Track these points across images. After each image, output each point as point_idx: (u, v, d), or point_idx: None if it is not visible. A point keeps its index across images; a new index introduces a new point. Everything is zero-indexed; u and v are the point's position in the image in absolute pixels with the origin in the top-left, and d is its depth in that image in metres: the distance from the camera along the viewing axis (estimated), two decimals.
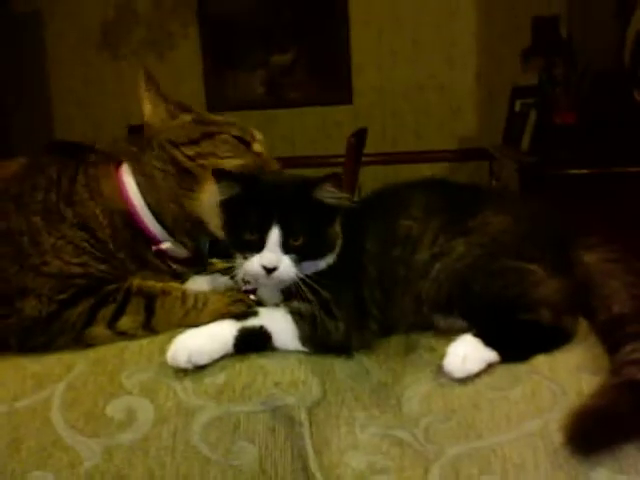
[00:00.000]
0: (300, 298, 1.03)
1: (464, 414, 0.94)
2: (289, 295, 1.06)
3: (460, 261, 1.04)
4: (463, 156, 4.72)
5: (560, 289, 1.03)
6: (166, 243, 1.21)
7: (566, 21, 4.17)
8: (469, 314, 1.05)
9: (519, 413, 0.92)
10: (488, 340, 0.98)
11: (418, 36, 4.69)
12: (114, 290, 1.11)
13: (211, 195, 1.13)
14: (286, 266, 1.01)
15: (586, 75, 3.31)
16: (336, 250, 1.06)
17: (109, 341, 1.08)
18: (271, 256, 1.01)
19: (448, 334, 1.03)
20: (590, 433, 0.87)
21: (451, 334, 1.02)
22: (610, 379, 0.92)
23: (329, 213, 1.05)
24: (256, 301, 1.13)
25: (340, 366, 1.03)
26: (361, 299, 1.07)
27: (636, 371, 0.90)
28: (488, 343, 0.98)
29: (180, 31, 4.88)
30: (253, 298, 1.13)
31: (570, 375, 0.96)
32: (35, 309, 1.09)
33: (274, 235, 1.00)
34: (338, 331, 1.03)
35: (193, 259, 1.26)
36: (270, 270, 1.01)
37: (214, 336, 1.01)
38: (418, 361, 1.04)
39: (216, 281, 1.22)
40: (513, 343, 1.00)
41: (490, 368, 0.98)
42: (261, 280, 1.05)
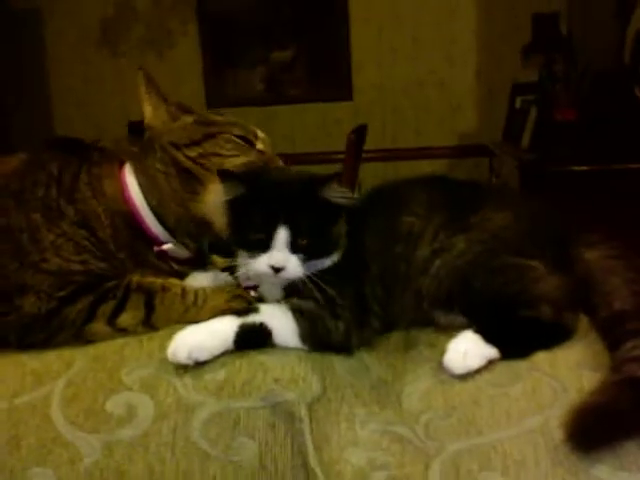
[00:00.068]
0: (303, 296, 1.03)
1: (464, 410, 0.94)
2: (291, 292, 1.06)
3: (461, 257, 1.04)
4: (463, 153, 4.72)
5: (560, 285, 1.03)
6: (168, 244, 1.20)
7: (566, 18, 4.16)
8: (469, 310, 1.05)
9: (519, 410, 0.92)
10: (488, 336, 0.98)
11: (418, 33, 4.68)
12: (114, 287, 1.11)
13: (216, 195, 1.12)
14: (294, 265, 1.01)
15: (586, 72, 3.30)
16: (341, 248, 1.06)
17: (109, 337, 1.08)
18: (279, 256, 1.01)
19: (448, 330, 1.03)
20: (591, 430, 0.87)
21: (451, 330, 1.02)
22: (611, 376, 0.92)
23: (335, 212, 1.05)
24: (257, 297, 1.12)
25: (340, 362, 1.03)
26: (363, 296, 1.07)
27: (637, 368, 0.90)
28: (488, 339, 0.98)
29: (179, 28, 4.87)
30: (254, 294, 1.13)
31: (571, 372, 0.96)
32: (34, 306, 1.08)
33: (282, 235, 1.00)
34: (338, 330, 1.03)
35: (194, 259, 1.25)
36: (278, 270, 1.01)
37: (215, 332, 1.01)
38: (418, 357, 1.04)
39: (216, 277, 1.22)
40: (513, 339, 1.00)
41: (490, 365, 0.98)
42: (268, 279, 1.05)
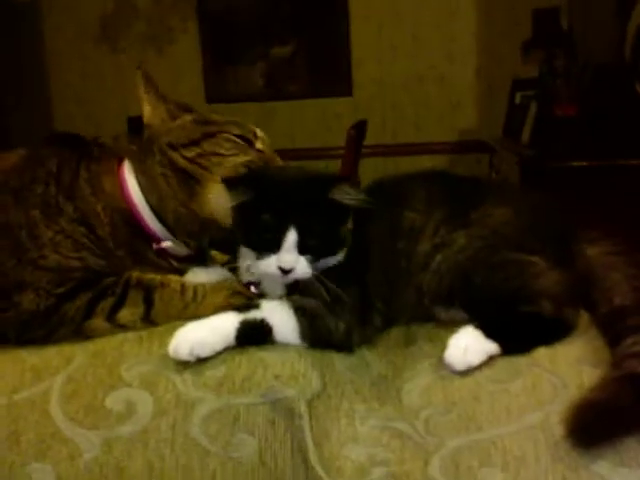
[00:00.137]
0: (306, 293, 1.03)
1: (464, 406, 0.93)
2: (292, 289, 1.05)
3: (461, 253, 1.04)
4: (463, 149, 4.71)
5: (561, 281, 1.03)
6: (167, 242, 1.20)
7: (567, 13, 4.14)
8: (470, 306, 1.05)
9: (519, 406, 0.92)
10: (489, 332, 0.98)
11: (418, 29, 4.66)
12: (113, 283, 1.11)
13: (217, 194, 1.12)
14: (302, 267, 1.01)
15: (587, 67, 3.30)
16: (347, 246, 1.06)
17: (108, 334, 1.08)
18: (289, 258, 1.00)
19: (449, 326, 1.03)
20: (591, 426, 0.87)
21: (452, 326, 1.02)
22: (611, 372, 0.92)
23: (343, 212, 1.05)
24: (258, 294, 1.12)
25: (340, 359, 1.03)
26: (366, 293, 1.06)
27: (637, 364, 0.89)
28: (489, 335, 0.98)
29: (179, 24, 4.85)
30: (255, 291, 1.13)
31: (571, 368, 0.96)
32: (33, 303, 1.08)
33: (291, 237, 1.00)
34: (339, 329, 1.03)
35: (194, 256, 1.25)
36: (286, 271, 1.01)
37: (216, 328, 1.01)
38: (418, 353, 1.04)
39: (216, 273, 1.21)
40: (514, 335, 1.00)
41: (490, 361, 0.98)
42: (274, 279, 1.05)
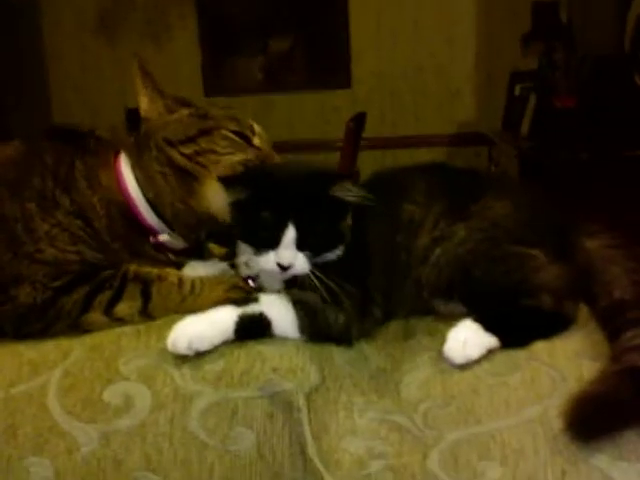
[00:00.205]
0: (305, 288, 1.02)
1: (463, 400, 0.93)
2: (291, 283, 1.05)
3: (461, 246, 1.04)
4: (462, 141, 4.70)
5: (561, 275, 1.03)
6: (164, 235, 1.19)
7: (566, 5, 4.13)
8: (469, 299, 1.05)
9: (518, 399, 0.92)
10: (488, 325, 0.98)
11: (417, 21, 4.65)
12: (110, 276, 1.10)
13: (215, 191, 1.11)
14: (301, 263, 1.01)
15: (586, 59, 3.29)
16: (346, 241, 1.05)
17: (106, 327, 1.08)
18: (287, 254, 1.00)
19: (448, 319, 1.03)
20: (590, 419, 0.87)
21: (451, 319, 1.01)
22: (610, 366, 0.92)
23: (343, 208, 1.04)
24: (256, 287, 1.12)
25: (339, 352, 1.03)
26: (365, 286, 1.06)
27: (637, 358, 0.89)
28: (488, 328, 0.97)
29: (178, 17, 4.83)
30: (253, 284, 1.12)
31: (570, 361, 0.96)
32: (30, 296, 1.08)
33: (290, 233, 0.99)
34: (338, 323, 1.03)
35: (192, 250, 1.24)
36: (285, 267, 1.00)
37: (215, 322, 1.00)
38: (417, 347, 1.04)
39: (214, 267, 1.21)
40: (514, 328, 1.00)
41: (489, 354, 0.97)
42: (273, 274, 1.05)
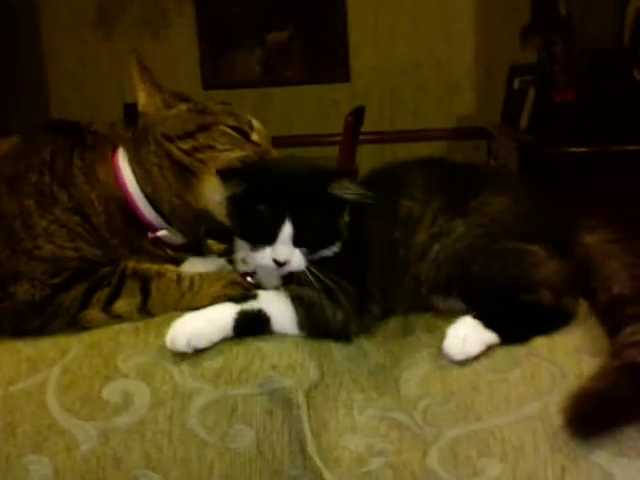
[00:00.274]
0: (302, 284, 1.02)
1: (463, 396, 0.93)
2: (289, 279, 1.05)
3: (460, 242, 1.03)
4: (461, 135, 4.69)
5: (560, 270, 1.03)
6: (162, 231, 1.18)
7: None
8: (468, 295, 1.04)
9: (518, 395, 0.92)
10: (488, 322, 0.97)
11: (416, 15, 4.62)
12: (109, 273, 1.10)
13: (213, 187, 1.10)
14: (297, 259, 1.01)
15: (585, 53, 3.28)
16: (344, 238, 1.05)
17: (104, 324, 1.07)
18: (284, 250, 1.00)
19: (447, 316, 1.02)
20: (590, 416, 0.87)
21: (450, 316, 1.01)
22: (610, 361, 0.91)
23: (341, 205, 1.04)
24: (254, 284, 1.11)
25: (338, 349, 1.02)
26: (364, 282, 1.06)
27: (636, 353, 0.89)
28: (488, 325, 0.97)
29: (175, 9, 4.80)
30: (251, 281, 1.12)
31: (569, 357, 0.96)
32: (28, 293, 1.07)
33: (287, 230, 0.99)
34: (337, 318, 1.03)
35: (190, 245, 1.24)
36: (281, 263, 1.00)
37: (213, 319, 1.00)
38: (416, 343, 1.03)
39: (213, 263, 1.21)
40: (513, 324, 1.00)
41: (489, 350, 0.97)
42: (269, 270, 1.04)
